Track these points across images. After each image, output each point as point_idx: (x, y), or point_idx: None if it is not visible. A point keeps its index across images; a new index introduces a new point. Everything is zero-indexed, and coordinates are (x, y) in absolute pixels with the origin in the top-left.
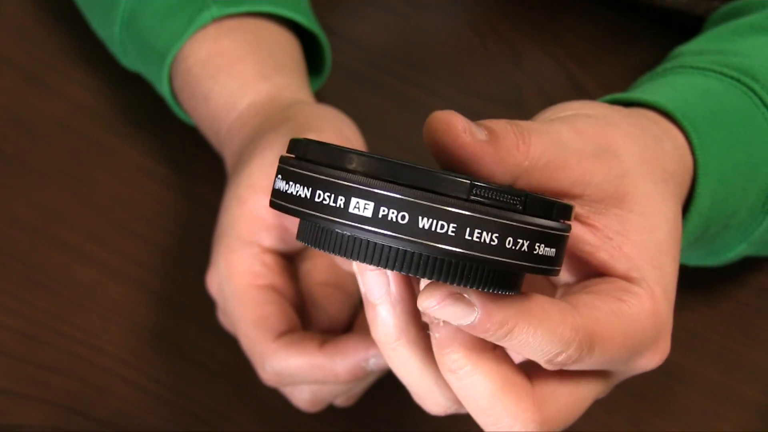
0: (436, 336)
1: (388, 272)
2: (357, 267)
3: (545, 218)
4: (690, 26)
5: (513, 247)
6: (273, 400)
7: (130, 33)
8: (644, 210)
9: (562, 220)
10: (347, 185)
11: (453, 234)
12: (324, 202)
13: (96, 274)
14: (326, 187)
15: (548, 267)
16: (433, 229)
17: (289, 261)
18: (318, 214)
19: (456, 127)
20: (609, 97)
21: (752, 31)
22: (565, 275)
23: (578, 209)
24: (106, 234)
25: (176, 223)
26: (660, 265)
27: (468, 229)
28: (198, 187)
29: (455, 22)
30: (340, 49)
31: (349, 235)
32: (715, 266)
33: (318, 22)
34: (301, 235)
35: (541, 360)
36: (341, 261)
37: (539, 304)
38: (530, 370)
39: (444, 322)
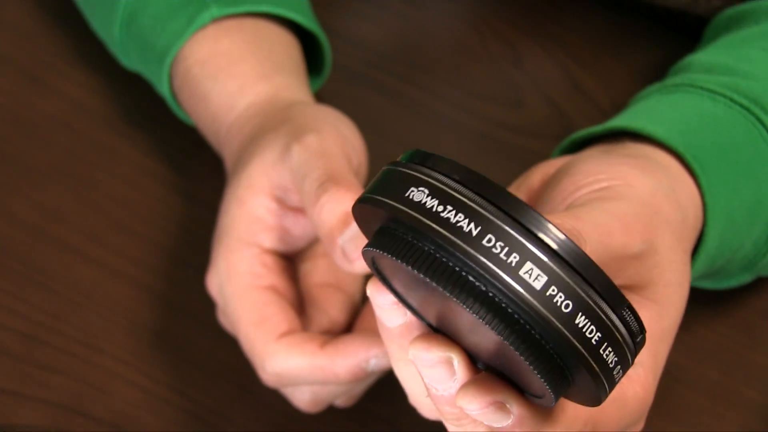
0: (438, 393)
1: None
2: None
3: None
4: (690, 26)
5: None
6: (273, 401)
7: (130, 33)
8: (660, 298)
9: (636, 349)
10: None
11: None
12: (494, 251)
13: (96, 274)
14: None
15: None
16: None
17: (289, 262)
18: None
19: None
20: (618, 123)
21: (763, 38)
22: None
23: None
24: (106, 234)
25: (176, 223)
26: (657, 353)
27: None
28: (198, 187)
29: (455, 22)
30: (340, 49)
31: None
32: (715, 289)
33: (318, 22)
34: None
35: None
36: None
37: (560, 407)
38: None
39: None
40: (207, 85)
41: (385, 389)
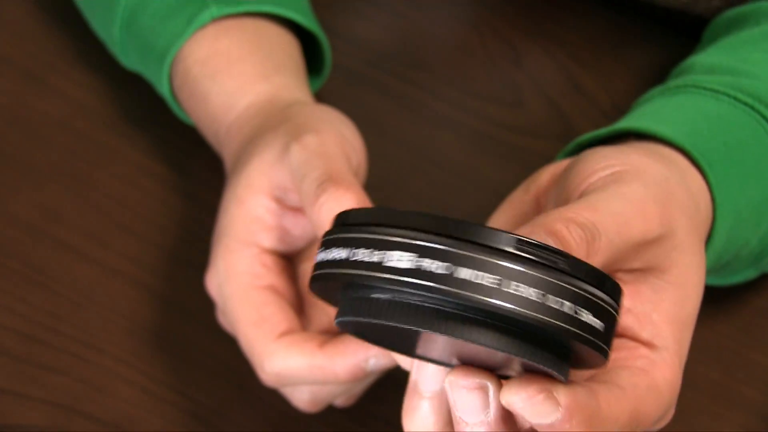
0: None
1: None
2: (449, 385)
3: (590, 284)
4: (690, 26)
5: (556, 307)
6: (273, 400)
7: (130, 33)
8: (682, 282)
9: (612, 298)
10: (383, 239)
11: (494, 286)
12: (361, 259)
13: (96, 274)
14: (363, 243)
15: (597, 341)
16: (472, 279)
17: (289, 261)
18: (355, 272)
19: None
20: (626, 125)
21: (765, 40)
22: None
23: (620, 275)
24: (106, 234)
25: (176, 223)
26: (681, 338)
27: (510, 282)
28: (198, 187)
29: (455, 22)
30: (341, 49)
31: (388, 299)
32: (720, 286)
33: (318, 22)
34: (339, 314)
35: None
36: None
37: (604, 398)
38: None
39: (474, 425)
40: (206, 85)
41: (385, 389)
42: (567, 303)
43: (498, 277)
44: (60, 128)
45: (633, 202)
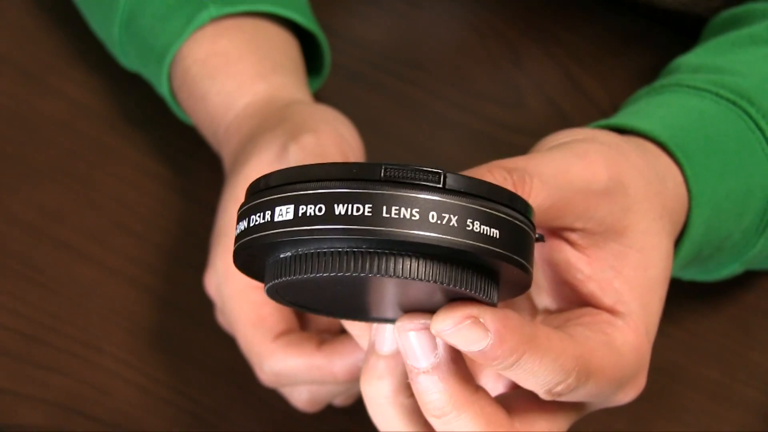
0: (419, 383)
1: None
2: (397, 330)
3: (474, 196)
4: (689, 26)
5: (439, 222)
6: (273, 400)
7: (129, 33)
8: (642, 246)
9: (509, 207)
10: (268, 200)
11: (370, 214)
12: (256, 223)
13: (96, 274)
14: (254, 209)
15: (499, 249)
16: (350, 213)
17: None
18: (251, 236)
19: None
20: (604, 122)
21: (752, 43)
22: (546, 299)
23: (577, 239)
24: (106, 234)
25: (176, 223)
26: (647, 304)
27: (385, 207)
28: (198, 187)
29: (455, 22)
30: (340, 49)
31: (289, 255)
32: (708, 282)
33: (317, 21)
34: (265, 285)
35: (540, 390)
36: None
37: (544, 332)
38: (507, 404)
39: (426, 371)
40: (205, 85)
41: None
42: (451, 217)
43: (370, 205)
44: (60, 128)
45: (576, 153)
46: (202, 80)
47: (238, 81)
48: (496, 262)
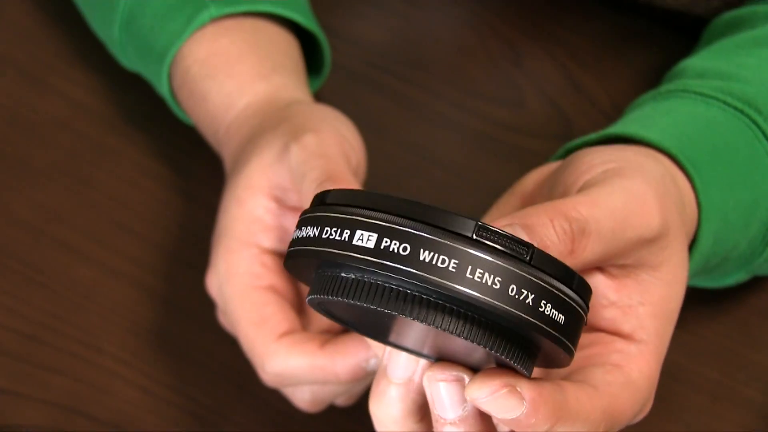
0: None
1: (421, 362)
2: (428, 379)
3: (554, 278)
4: (690, 26)
5: (516, 296)
6: (273, 400)
7: (130, 33)
8: (670, 279)
9: (579, 296)
10: (351, 219)
11: (454, 270)
12: (330, 237)
13: (96, 274)
14: (332, 223)
15: (557, 334)
16: (433, 262)
17: None
18: (322, 249)
19: None
20: (613, 130)
21: (756, 45)
22: None
23: (611, 269)
24: (106, 234)
25: (176, 223)
26: (663, 333)
27: (470, 267)
28: (198, 187)
29: (455, 22)
30: (340, 49)
31: (353, 278)
32: (713, 288)
33: (317, 21)
34: (309, 292)
35: None
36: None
37: (573, 395)
38: None
39: (453, 422)
40: (206, 85)
41: None
42: (528, 294)
43: (456, 261)
44: (60, 128)
45: (636, 197)
46: (202, 80)
47: (238, 81)
48: (548, 342)
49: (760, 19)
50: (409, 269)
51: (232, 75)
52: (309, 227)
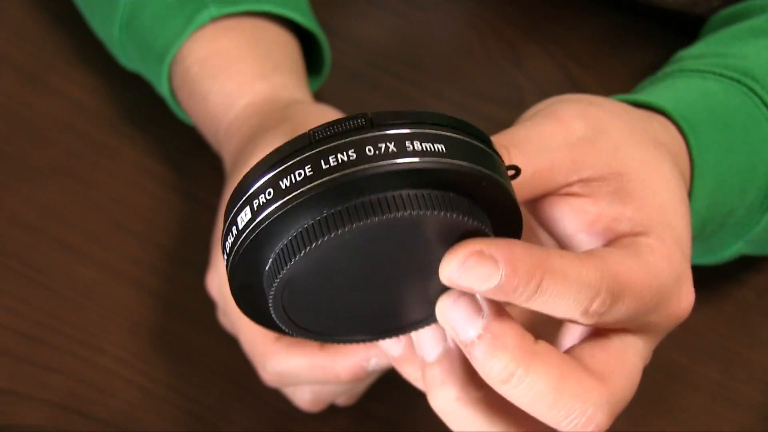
0: (476, 354)
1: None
2: (439, 315)
3: (394, 127)
4: (689, 26)
5: (377, 152)
6: (273, 400)
7: (130, 33)
8: (643, 177)
9: (463, 132)
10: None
11: (355, 157)
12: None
13: (96, 274)
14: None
15: (445, 160)
16: (306, 174)
17: None
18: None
19: None
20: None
21: (752, 35)
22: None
23: (577, 189)
24: (106, 234)
25: (176, 223)
26: (667, 221)
27: (323, 160)
28: (198, 187)
29: (455, 22)
30: (340, 49)
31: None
32: (713, 265)
33: (317, 21)
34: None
35: (577, 313)
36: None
37: (557, 253)
38: (575, 353)
39: (479, 336)
40: (206, 85)
41: (385, 389)
42: (386, 145)
43: (309, 166)
44: (60, 128)
45: (543, 115)
46: (202, 80)
47: (238, 81)
48: (465, 183)
49: (756, 11)
50: (308, 185)
51: (232, 75)
52: (225, 242)
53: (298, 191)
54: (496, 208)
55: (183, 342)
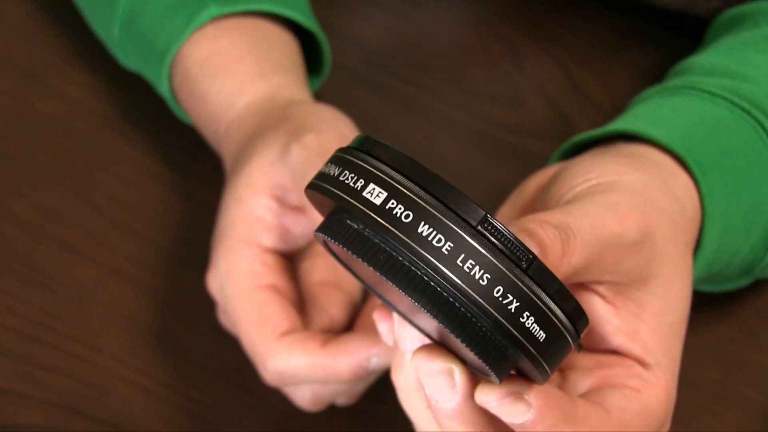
0: (439, 405)
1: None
2: (415, 368)
3: (547, 294)
4: (689, 26)
5: (500, 299)
6: (273, 400)
7: (130, 33)
8: (663, 292)
9: (570, 321)
10: (368, 169)
11: (447, 252)
12: (345, 182)
13: (96, 274)
14: (353, 169)
15: (534, 351)
16: (429, 238)
17: (289, 261)
18: (335, 190)
19: None
20: (618, 126)
21: (765, 42)
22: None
23: (604, 290)
24: (106, 234)
25: (176, 223)
26: (671, 349)
27: (463, 255)
28: (198, 187)
29: (455, 22)
30: (340, 49)
31: (356, 228)
32: (715, 292)
33: (318, 21)
34: (318, 227)
35: None
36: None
37: (583, 410)
38: None
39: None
40: (206, 85)
41: (386, 389)
42: (514, 300)
43: (451, 245)
44: (60, 128)
45: (609, 206)
46: (202, 80)
47: (238, 80)
48: (521, 356)
49: (765, 16)
50: (402, 236)
51: (232, 75)
52: (333, 166)
53: (413, 245)
54: (526, 370)
55: (183, 342)
